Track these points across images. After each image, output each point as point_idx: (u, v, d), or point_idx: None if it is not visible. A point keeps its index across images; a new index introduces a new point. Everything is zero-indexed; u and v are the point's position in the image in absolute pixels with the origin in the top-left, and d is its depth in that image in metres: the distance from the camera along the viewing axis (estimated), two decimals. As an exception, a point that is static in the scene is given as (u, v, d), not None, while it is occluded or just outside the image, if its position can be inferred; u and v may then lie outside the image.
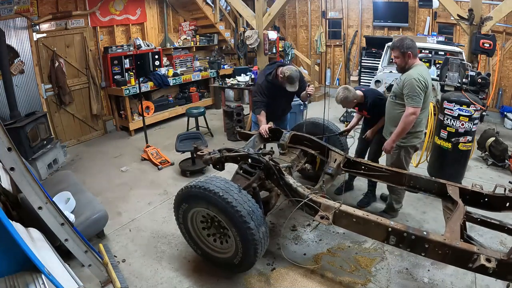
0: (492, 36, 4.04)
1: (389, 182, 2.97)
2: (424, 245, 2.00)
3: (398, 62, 2.87)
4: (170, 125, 6.78)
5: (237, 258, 2.43)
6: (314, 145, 3.34)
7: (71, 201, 3.03)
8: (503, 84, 6.56)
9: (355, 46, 8.40)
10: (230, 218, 2.28)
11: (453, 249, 1.91)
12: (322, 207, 2.38)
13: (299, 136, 3.38)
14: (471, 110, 3.36)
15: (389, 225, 2.10)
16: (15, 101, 4.45)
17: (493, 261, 1.79)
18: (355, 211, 2.26)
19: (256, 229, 2.26)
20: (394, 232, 2.09)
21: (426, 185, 2.71)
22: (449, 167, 3.59)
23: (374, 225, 2.16)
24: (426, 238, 1.98)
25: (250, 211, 2.27)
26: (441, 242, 1.94)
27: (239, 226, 2.26)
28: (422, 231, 2.03)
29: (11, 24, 4.69)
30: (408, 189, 2.84)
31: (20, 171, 1.70)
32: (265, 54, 5.76)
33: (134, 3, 6.55)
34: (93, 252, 2.21)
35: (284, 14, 9.37)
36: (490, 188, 2.50)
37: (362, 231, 2.28)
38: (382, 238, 2.16)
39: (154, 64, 6.69)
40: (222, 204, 2.26)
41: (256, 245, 2.30)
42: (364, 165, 3.03)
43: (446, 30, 6.99)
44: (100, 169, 4.81)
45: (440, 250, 1.95)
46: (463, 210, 2.26)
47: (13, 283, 1.45)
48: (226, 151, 2.97)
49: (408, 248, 2.08)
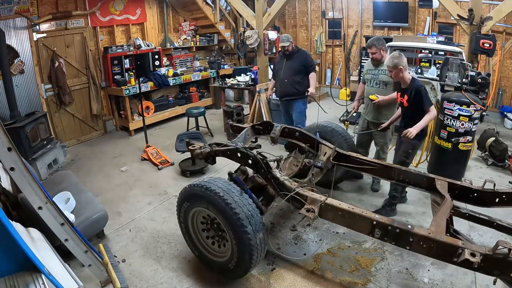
0: (492, 36, 4.04)
1: (379, 176, 3.00)
2: (408, 239, 2.01)
3: (375, 56, 3.52)
4: (170, 125, 6.78)
5: (231, 263, 2.40)
6: (305, 139, 3.34)
7: (71, 201, 3.03)
8: (503, 84, 6.56)
9: (355, 46, 8.40)
10: (228, 220, 2.26)
11: (437, 243, 1.91)
12: (308, 200, 2.40)
13: (290, 129, 3.41)
14: (471, 110, 3.36)
15: (374, 218, 2.12)
16: (15, 101, 4.45)
17: (477, 255, 1.79)
18: (341, 204, 2.28)
19: (253, 234, 2.22)
20: (379, 226, 2.10)
21: (415, 179, 2.71)
22: (449, 167, 3.59)
23: (359, 218, 2.18)
24: (411, 231, 1.99)
25: (249, 215, 2.24)
26: (426, 236, 1.94)
27: (236, 229, 2.23)
28: (406, 224, 2.05)
29: (11, 24, 4.69)
30: (398, 183, 2.87)
31: (20, 171, 1.69)
32: (265, 54, 5.76)
33: (134, 3, 6.55)
34: (93, 252, 2.21)
35: (284, 14, 9.36)
36: (489, 186, 2.50)
37: (348, 224, 2.30)
38: (368, 231, 2.18)
39: (154, 64, 6.69)
40: (222, 205, 2.25)
41: (252, 250, 2.25)
42: (354, 158, 3.03)
43: (446, 30, 6.98)
44: (100, 169, 4.82)
45: (424, 243, 1.96)
46: (450, 205, 2.27)
47: (13, 283, 1.45)
48: (215, 145, 2.99)
49: (393, 241, 2.10)
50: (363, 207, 3.45)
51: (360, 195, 3.80)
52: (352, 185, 3.99)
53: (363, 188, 3.94)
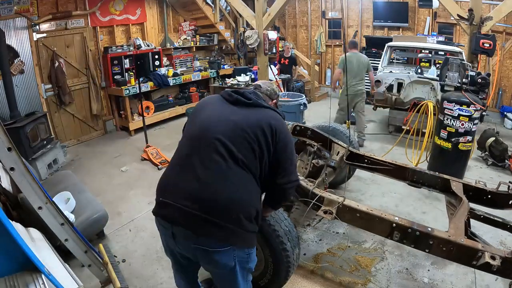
0: (492, 36, 4.03)
1: (392, 176, 2.93)
2: (428, 242, 1.96)
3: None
4: (170, 125, 6.78)
5: (264, 280, 2.26)
6: (317, 137, 3.26)
7: (71, 201, 3.02)
8: (503, 84, 6.56)
9: (355, 46, 8.39)
10: (266, 238, 2.08)
11: (457, 246, 1.87)
12: (325, 201, 2.32)
13: (302, 127, 3.32)
14: (471, 110, 3.36)
15: (394, 220, 2.05)
16: (15, 101, 4.45)
17: (497, 258, 1.76)
18: (359, 205, 2.22)
19: (291, 251, 2.11)
20: (399, 228, 2.04)
21: (430, 180, 2.67)
22: (449, 167, 3.58)
23: (378, 220, 2.11)
24: (431, 234, 1.94)
25: (287, 231, 2.11)
26: (446, 239, 1.90)
27: (275, 247, 2.08)
28: (426, 227, 1.99)
29: (11, 24, 4.68)
30: (412, 183, 2.81)
31: (20, 171, 1.69)
32: (265, 54, 5.75)
33: (134, 3, 6.55)
34: (93, 252, 2.20)
35: (284, 14, 9.36)
36: (493, 186, 2.50)
37: (366, 226, 2.23)
38: (386, 234, 2.12)
39: (154, 64, 6.69)
40: None
41: (289, 267, 2.14)
42: (367, 158, 2.97)
43: (446, 30, 6.99)
44: (100, 169, 4.81)
45: (444, 247, 1.91)
46: (467, 207, 2.23)
47: (13, 283, 1.45)
48: None
49: (412, 244, 2.04)
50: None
51: (360, 195, 3.80)
52: (352, 186, 3.98)
53: (363, 189, 3.94)
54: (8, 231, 1.40)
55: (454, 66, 3.56)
